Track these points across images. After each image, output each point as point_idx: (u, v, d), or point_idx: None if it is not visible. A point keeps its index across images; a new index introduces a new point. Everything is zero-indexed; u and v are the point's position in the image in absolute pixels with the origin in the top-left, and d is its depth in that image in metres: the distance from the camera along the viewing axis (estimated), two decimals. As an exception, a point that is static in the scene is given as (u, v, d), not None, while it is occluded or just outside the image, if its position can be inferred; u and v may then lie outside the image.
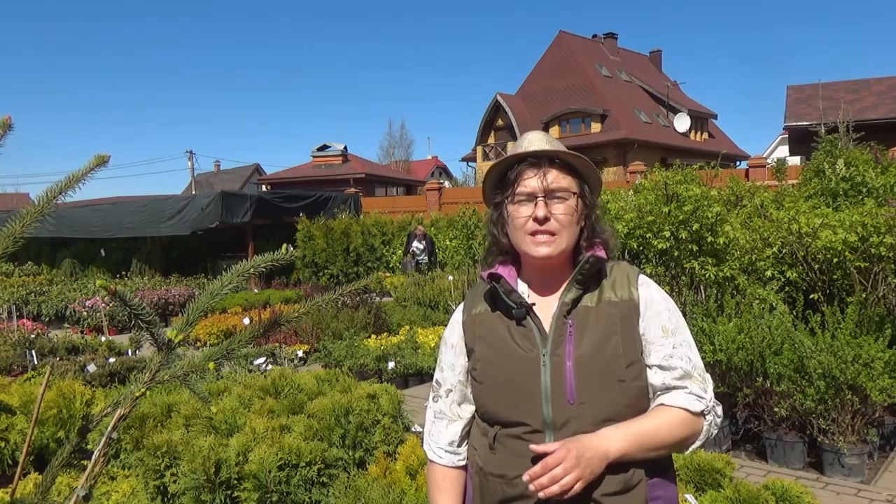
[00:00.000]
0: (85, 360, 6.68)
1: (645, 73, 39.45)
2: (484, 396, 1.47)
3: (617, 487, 1.35)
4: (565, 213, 1.43)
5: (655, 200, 5.71)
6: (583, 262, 1.43)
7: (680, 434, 1.39)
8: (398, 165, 47.27)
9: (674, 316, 1.47)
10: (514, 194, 1.45)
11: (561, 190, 1.43)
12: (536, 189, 1.43)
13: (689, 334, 1.48)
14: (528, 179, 1.44)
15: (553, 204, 1.43)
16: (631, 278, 1.47)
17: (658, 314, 1.45)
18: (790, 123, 19.92)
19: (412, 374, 7.01)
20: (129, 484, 3.53)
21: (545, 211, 1.41)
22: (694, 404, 1.39)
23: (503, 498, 1.42)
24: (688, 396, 1.40)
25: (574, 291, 1.44)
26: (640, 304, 1.44)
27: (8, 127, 0.82)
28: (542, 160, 1.45)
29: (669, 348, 1.42)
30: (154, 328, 1.08)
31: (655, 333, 1.43)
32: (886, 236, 4.77)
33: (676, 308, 1.50)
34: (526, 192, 1.44)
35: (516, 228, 1.45)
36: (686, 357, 1.43)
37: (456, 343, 1.56)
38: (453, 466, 1.57)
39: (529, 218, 1.43)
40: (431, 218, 17.21)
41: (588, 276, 1.45)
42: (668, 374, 1.41)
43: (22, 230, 0.91)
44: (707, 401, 1.41)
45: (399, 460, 3.45)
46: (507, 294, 1.45)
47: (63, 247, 17.82)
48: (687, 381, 1.41)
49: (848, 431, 4.21)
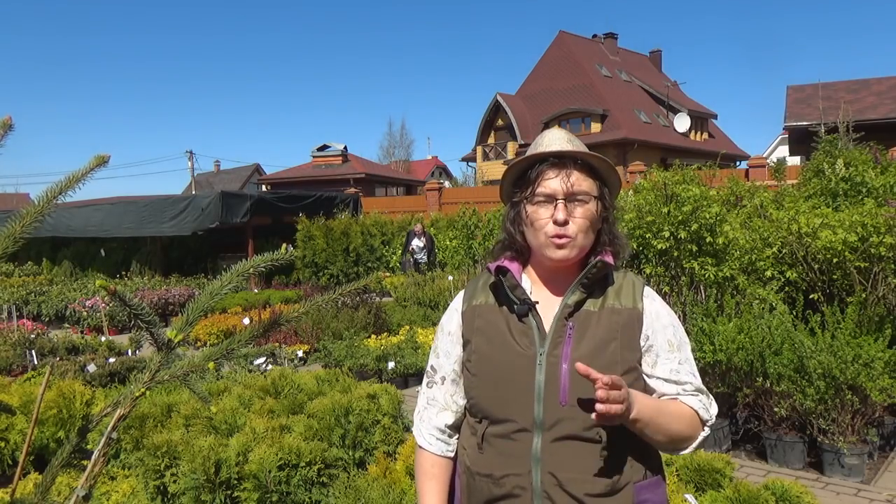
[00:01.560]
0: (85, 360, 6.67)
1: (645, 73, 39.44)
2: (476, 389, 1.47)
3: (603, 489, 1.35)
4: (585, 216, 1.41)
5: (655, 201, 5.71)
6: (590, 266, 1.42)
7: (684, 430, 1.41)
8: (398, 165, 47.26)
9: (678, 332, 1.48)
10: (533, 194, 1.43)
11: (582, 193, 1.42)
12: (557, 191, 1.41)
13: (690, 352, 1.50)
14: (550, 180, 1.42)
15: (573, 207, 1.41)
16: (637, 289, 1.47)
17: (665, 328, 1.46)
18: (790, 123, 19.92)
19: (412, 374, 7.01)
20: (129, 484, 3.53)
21: (565, 214, 1.40)
22: (703, 412, 1.44)
23: (490, 498, 1.42)
24: (699, 403, 1.45)
25: (578, 294, 1.43)
26: (643, 315, 1.44)
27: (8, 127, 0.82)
28: (564, 161, 1.43)
29: (675, 363, 1.44)
30: (154, 328, 1.08)
31: (662, 346, 1.44)
32: (886, 236, 4.77)
33: (680, 324, 1.51)
34: (546, 193, 1.42)
35: (535, 230, 1.44)
36: (693, 374, 1.47)
37: (453, 331, 1.55)
38: (442, 455, 1.55)
39: (549, 220, 1.41)
40: (431, 218, 17.21)
41: (594, 280, 1.44)
42: (677, 386, 1.44)
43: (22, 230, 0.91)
44: (713, 415, 1.46)
45: (399, 460, 3.45)
46: (512, 289, 1.44)
47: (63, 247, 17.80)
48: (699, 395, 1.46)
49: (848, 431, 4.21)
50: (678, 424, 1.39)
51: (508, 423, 1.40)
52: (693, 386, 1.45)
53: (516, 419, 1.39)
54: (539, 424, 1.37)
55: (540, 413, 1.37)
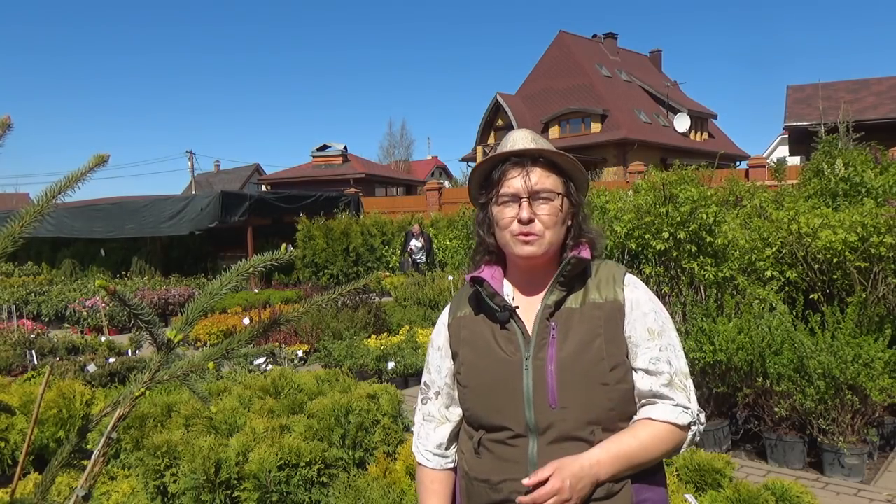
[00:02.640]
0: (85, 360, 6.67)
1: (645, 73, 39.43)
2: (469, 400, 1.46)
3: (601, 493, 1.34)
4: (550, 213, 1.41)
5: (653, 201, 5.70)
6: (564, 264, 1.41)
7: (666, 448, 1.38)
8: (398, 165, 47.27)
9: (660, 318, 1.45)
10: (498, 195, 1.43)
11: (545, 191, 1.41)
12: (520, 190, 1.40)
13: (675, 337, 1.46)
14: (512, 180, 1.42)
15: (538, 205, 1.41)
16: (616, 278, 1.45)
17: (644, 316, 1.43)
18: (790, 123, 19.93)
19: (412, 374, 7.00)
20: (129, 484, 3.53)
21: (529, 212, 1.39)
22: (681, 417, 1.38)
23: (488, 502, 1.41)
24: (674, 409, 1.38)
25: (557, 293, 1.42)
26: (625, 305, 1.42)
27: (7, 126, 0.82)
28: (525, 159, 1.43)
29: (656, 351, 1.40)
30: (153, 328, 1.08)
31: (642, 336, 1.41)
32: (886, 236, 4.77)
33: (664, 309, 1.48)
34: (510, 192, 1.41)
35: (501, 229, 1.44)
36: (673, 359, 1.41)
37: (442, 345, 1.55)
38: (441, 469, 1.56)
39: (514, 219, 1.41)
40: (431, 218, 17.23)
41: (570, 277, 1.43)
42: (654, 379, 1.39)
43: (21, 230, 0.91)
44: (693, 411, 1.40)
45: (399, 460, 3.45)
46: (491, 297, 1.44)
47: (63, 247, 17.80)
48: (672, 391, 1.39)
49: (848, 431, 4.21)
50: (657, 449, 1.37)
51: (503, 430, 1.40)
52: (667, 376, 1.39)
53: (510, 426, 1.39)
54: (533, 429, 1.37)
55: (532, 418, 1.36)
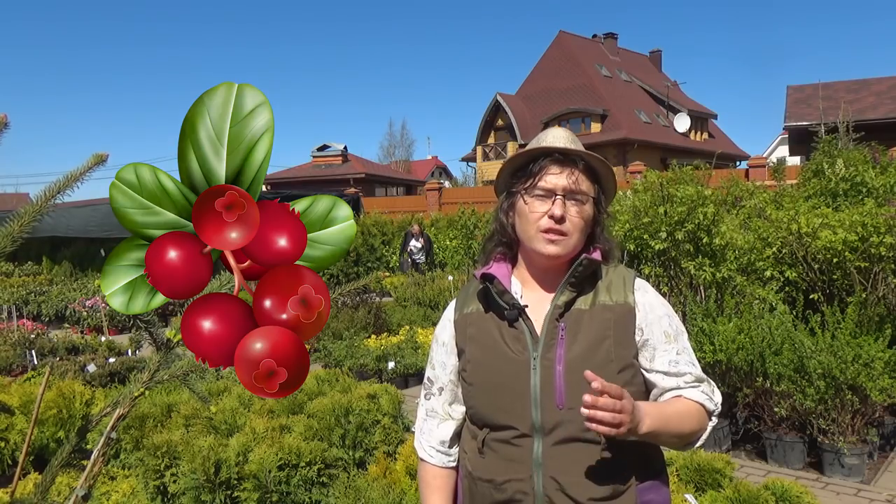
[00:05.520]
0: (85, 360, 6.67)
1: (645, 73, 39.42)
2: (474, 398, 1.46)
3: (606, 493, 1.34)
4: (580, 216, 1.41)
5: (651, 201, 5.70)
6: (576, 265, 1.41)
7: (693, 426, 1.39)
8: (398, 165, 47.25)
9: (674, 321, 1.47)
10: (534, 187, 1.43)
11: (581, 193, 1.42)
12: (559, 186, 1.40)
13: (687, 340, 1.48)
14: (552, 175, 1.42)
15: (570, 205, 1.41)
16: (627, 282, 1.45)
17: (659, 319, 1.44)
18: (790, 123, 19.92)
19: (412, 374, 7.00)
20: (129, 484, 3.53)
21: (562, 210, 1.39)
22: (708, 403, 1.42)
23: (491, 502, 1.41)
24: (702, 395, 1.42)
25: (567, 294, 1.42)
26: (636, 308, 1.42)
27: (4, 125, 0.82)
28: (568, 159, 1.44)
29: (673, 354, 1.42)
30: (153, 328, 1.08)
31: (659, 339, 1.42)
32: (886, 236, 4.77)
33: (675, 313, 1.50)
34: (547, 187, 1.41)
35: (529, 222, 1.42)
36: (691, 363, 1.44)
37: (447, 341, 1.54)
38: (444, 466, 1.55)
39: (545, 214, 1.40)
40: (431, 218, 17.23)
41: (581, 278, 1.42)
42: (678, 379, 1.41)
43: (20, 230, 0.91)
44: (717, 402, 1.44)
45: (399, 460, 3.45)
46: (500, 295, 1.43)
47: (63, 247, 17.79)
48: (701, 385, 1.43)
49: (848, 431, 4.21)
50: (688, 423, 1.38)
51: (509, 429, 1.39)
52: (693, 376, 1.42)
53: (516, 425, 1.38)
54: (539, 429, 1.36)
55: (538, 418, 1.36)
